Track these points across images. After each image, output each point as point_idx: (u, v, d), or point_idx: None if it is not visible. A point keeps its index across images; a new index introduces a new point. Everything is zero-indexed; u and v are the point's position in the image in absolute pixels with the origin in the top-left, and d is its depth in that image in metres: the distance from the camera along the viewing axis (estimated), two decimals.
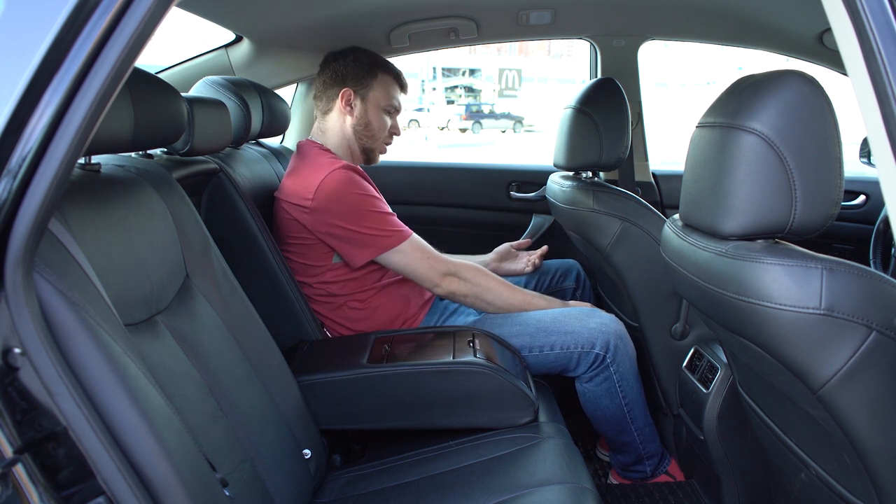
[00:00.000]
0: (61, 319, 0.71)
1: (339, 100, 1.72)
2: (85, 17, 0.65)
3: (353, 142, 1.75)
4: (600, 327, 1.57)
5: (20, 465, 0.64)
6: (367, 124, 1.74)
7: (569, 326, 1.57)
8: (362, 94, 1.73)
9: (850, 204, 2.36)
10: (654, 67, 19.34)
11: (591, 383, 1.59)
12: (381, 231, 1.57)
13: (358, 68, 1.73)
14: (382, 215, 1.59)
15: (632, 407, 1.61)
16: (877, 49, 0.70)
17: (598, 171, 1.85)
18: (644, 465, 1.69)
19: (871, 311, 0.79)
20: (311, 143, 1.72)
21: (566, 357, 1.57)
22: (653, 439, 1.68)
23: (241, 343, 1.18)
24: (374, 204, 1.59)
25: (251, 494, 1.01)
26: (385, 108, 1.76)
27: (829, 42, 2.08)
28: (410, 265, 1.59)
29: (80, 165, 0.99)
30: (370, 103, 1.74)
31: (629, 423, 1.63)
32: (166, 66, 2.08)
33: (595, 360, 1.56)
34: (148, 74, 1.07)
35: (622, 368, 1.58)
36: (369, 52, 1.78)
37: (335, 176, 1.55)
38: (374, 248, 1.57)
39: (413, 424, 1.38)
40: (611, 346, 1.55)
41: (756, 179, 0.87)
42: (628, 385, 1.60)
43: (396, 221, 1.61)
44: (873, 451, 0.83)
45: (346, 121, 1.73)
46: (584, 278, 2.03)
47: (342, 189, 1.55)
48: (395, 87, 1.79)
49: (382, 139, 1.79)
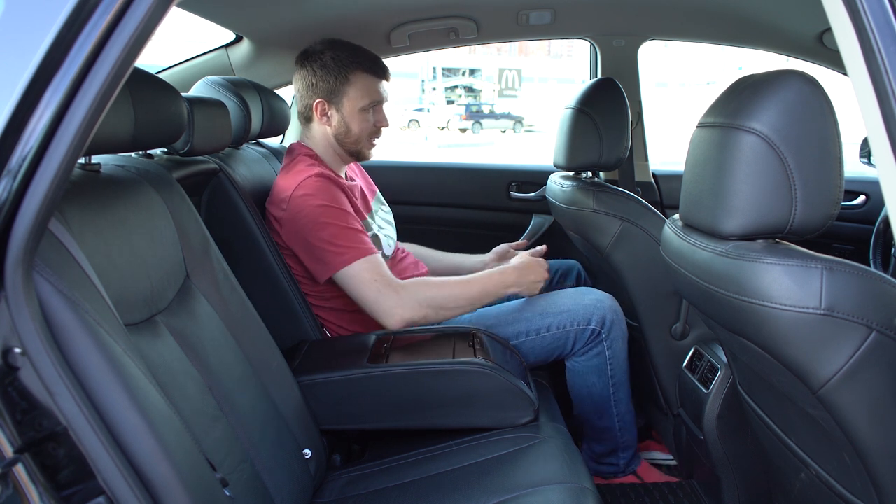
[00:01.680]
0: (61, 319, 0.71)
1: (315, 112, 1.64)
2: (85, 17, 0.65)
3: (337, 147, 1.68)
4: (595, 304, 1.58)
5: (20, 465, 0.64)
6: (348, 131, 1.64)
7: (564, 306, 1.58)
8: (337, 102, 1.62)
9: (850, 204, 2.37)
10: (654, 67, 19.34)
11: (583, 358, 1.60)
12: (334, 246, 1.47)
13: (327, 77, 1.61)
14: (341, 229, 1.48)
15: (618, 388, 1.62)
16: (877, 49, 0.70)
17: (598, 171, 1.85)
18: (618, 456, 1.69)
19: (871, 311, 0.79)
20: (299, 146, 1.69)
21: (563, 337, 1.57)
22: (631, 428, 1.69)
23: (241, 343, 1.18)
24: (334, 215, 1.49)
25: (251, 494, 1.01)
26: (364, 108, 1.64)
27: (829, 42, 2.08)
28: (357, 289, 1.47)
29: (80, 165, 0.99)
30: (346, 110, 1.63)
31: (612, 406, 1.63)
32: (166, 66, 2.09)
33: (591, 335, 1.57)
34: (148, 74, 1.07)
35: (615, 346, 1.59)
36: (338, 52, 1.62)
37: (305, 185, 1.51)
38: (327, 265, 1.48)
39: (413, 424, 1.38)
40: (606, 321, 1.57)
41: (756, 179, 0.87)
42: (618, 364, 1.61)
43: (357, 238, 1.49)
44: (873, 451, 0.83)
45: (327, 130, 1.65)
46: (585, 278, 2.03)
47: (308, 198, 1.49)
48: (373, 82, 1.65)
49: (368, 137, 1.69)
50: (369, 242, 1.52)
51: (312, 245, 1.49)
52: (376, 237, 1.65)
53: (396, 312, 1.45)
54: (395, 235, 1.81)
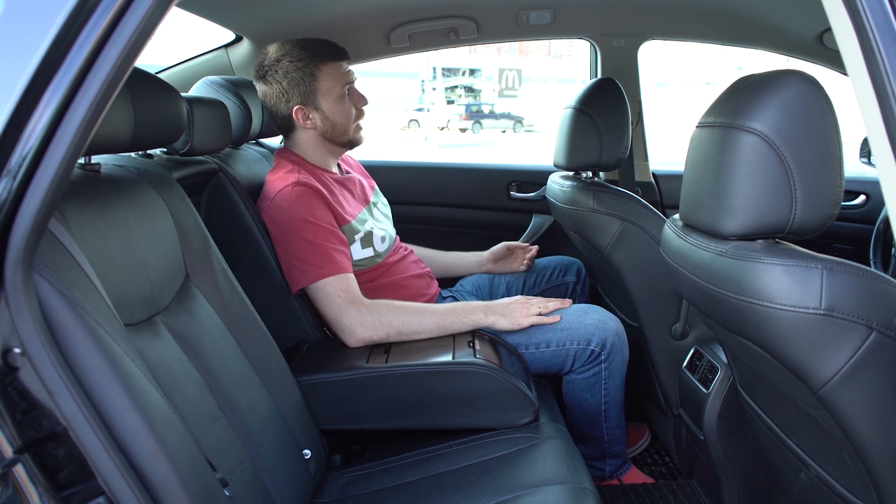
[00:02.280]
0: (61, 319, 0.71)
1: (297, 119, 1.60)
2: (85, 17, 0.65)
3: (327, 144, 1.66)
4: (597, 324, 1.55)
5: (20, 465, 0.64)
6: (334, 125, 1.61)
7: (565, 323, 1.56)
8: (314, 102, 1.59)
9: (850, 204, 2.37)
10: (654, 67, 19.34)
11: (579, 375, 1.58)
12: (300, 262, 1.46)
13: (296, 82, 1.57)
14: (310, 245, 1.46)
15: (609, 406, 1.61)
16: (877, 49, 0.70)
17: (598, 171, 1.85)
18: (604, 462, 1.68)
19: (871, 311, 0.79)
20: (282, 150, 1.68)
21: (562, 354, 1.55)
22: (620, 441, 1.67)
23: (241, 343, 1.18)
24: (305, 230, 1.47)
25: (251, 494, 1.01)
26: (341, 95, 1.60)
27: (829, 42, 2.09)
28: (321, 305, 1.47)
29: (80, 165, 0.99)
30: (325, 105, 1.59)
31: (602, 421, 1.62)
32: (166, 66, 2.09)
33: (590, 356, 1.55)
34: (148, 74, 1.07)
35: (612, 367, 1.57)
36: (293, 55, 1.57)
37: (280, 195, 1.50)
38: (293, 279, 1.47)
39: (413, 424, 1.38)
40: (607, 344, 1.54)
41: (756, 179, 0.87)
42: (613, 385, 1.59)
43: (325, 256, 1.46)
44: (873, 451, 0.83)
45: (313, 133, 1.63)
46: (585, 274, 2.03)
47: (282, 210, 1.49)
48: (337, 67, 1.59)
49: (354, 121, 1.64)
50: (339, 258, 1.49)
51: (282, 257, 1.49)
52: (370, 233, 1.64)
53: (356, 331, 1.44)
54: (392, 231, 1.81)
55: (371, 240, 1.64)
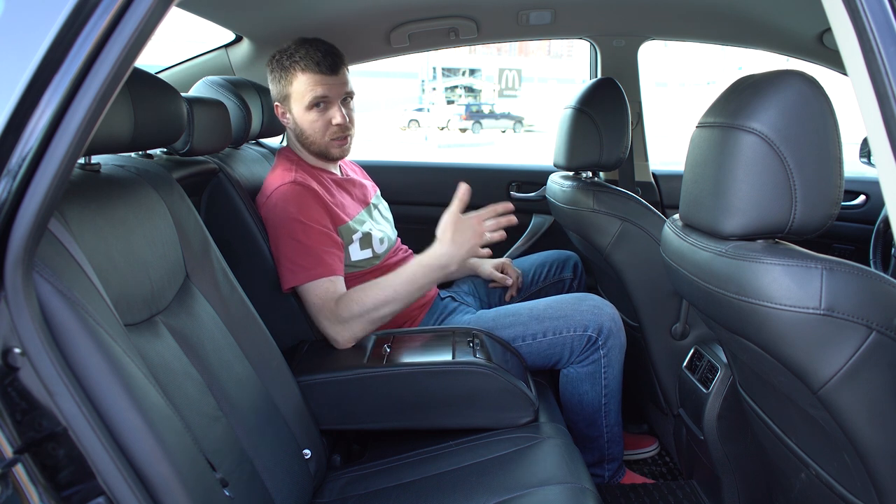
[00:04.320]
0: (61, 319, 0.71)
1: (278, 114, 1.66)
2: (85, 17, 0.65)
3: (301, 148, 1.67)
4: (593, 310, 1.56)
5: (20, 466, 0.64)
6: (302, 132, 1.62)
7: (560, 311, 1.57)
8: (287, 104, 1.62)
9: (850, 204, 2.37)
10: (654, 67, 19.35)
11: (578, 365, 1.58)
12: (291, 263, 1.47)
13: (276, 80, 1.61)
14: (302, 246, 1.47)
15: (609, 399, 1.60)
16: (877, 49, 0.70)
17: (598, 171, 1.85)
18: (603, 468, 1.68)
19: (871, 311, 0.79)
20: (283, 148, 1.71)
21: (559, 343, 1.55)
22: (618, 441, 1.67)
23: (241, 343, 1.18)
24: (297, 230, 1.47)
25: (251, 494, 1.01)
26: (308, 106, 1.58)
27: (829, 42, 2.09)
28: (308, 307, 1.48)
29: (80, 165, 0.99)
30: (295, 111, 1.61)
31: (602, 417, 1.62)
32: (166, 66, 2.09)
33: (587, 342, 1.55)
34: (148, 74, 1.07)
35: (611, 355, 1.57)
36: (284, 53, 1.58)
37: (276, 193, 1.52)
38: (283, 279, 1.48)
39: (413, 424, 1.38)
40: (604, 329, 1.54)
41: (756, 179, 0.87)
42: (612, 374, 1.59)
43: (317, 257, 1.47)
44: (873, 451, 0.83)
45: (293, 133, 1.66)
46: (581, 269, 2.04)
47: (278, 207, 1.50)
48: (311, 79, 1.56)
49: (328, 136, 1.61)
50: (329, 260, 1.48)
51: (274, 255, 1.50)
52: (368, 235, 1.64)
53: (339, 339, 1.46)
54: (392, 233, 1.81)
55: (370, 241, 1.64)
